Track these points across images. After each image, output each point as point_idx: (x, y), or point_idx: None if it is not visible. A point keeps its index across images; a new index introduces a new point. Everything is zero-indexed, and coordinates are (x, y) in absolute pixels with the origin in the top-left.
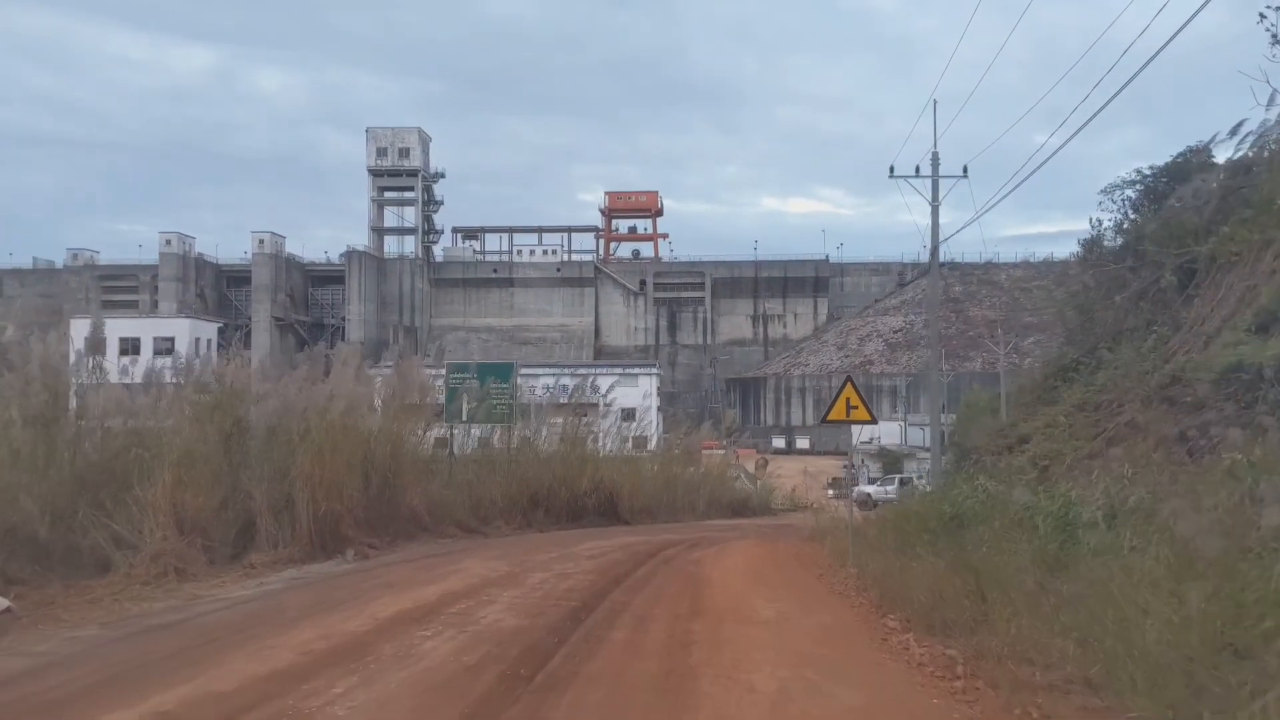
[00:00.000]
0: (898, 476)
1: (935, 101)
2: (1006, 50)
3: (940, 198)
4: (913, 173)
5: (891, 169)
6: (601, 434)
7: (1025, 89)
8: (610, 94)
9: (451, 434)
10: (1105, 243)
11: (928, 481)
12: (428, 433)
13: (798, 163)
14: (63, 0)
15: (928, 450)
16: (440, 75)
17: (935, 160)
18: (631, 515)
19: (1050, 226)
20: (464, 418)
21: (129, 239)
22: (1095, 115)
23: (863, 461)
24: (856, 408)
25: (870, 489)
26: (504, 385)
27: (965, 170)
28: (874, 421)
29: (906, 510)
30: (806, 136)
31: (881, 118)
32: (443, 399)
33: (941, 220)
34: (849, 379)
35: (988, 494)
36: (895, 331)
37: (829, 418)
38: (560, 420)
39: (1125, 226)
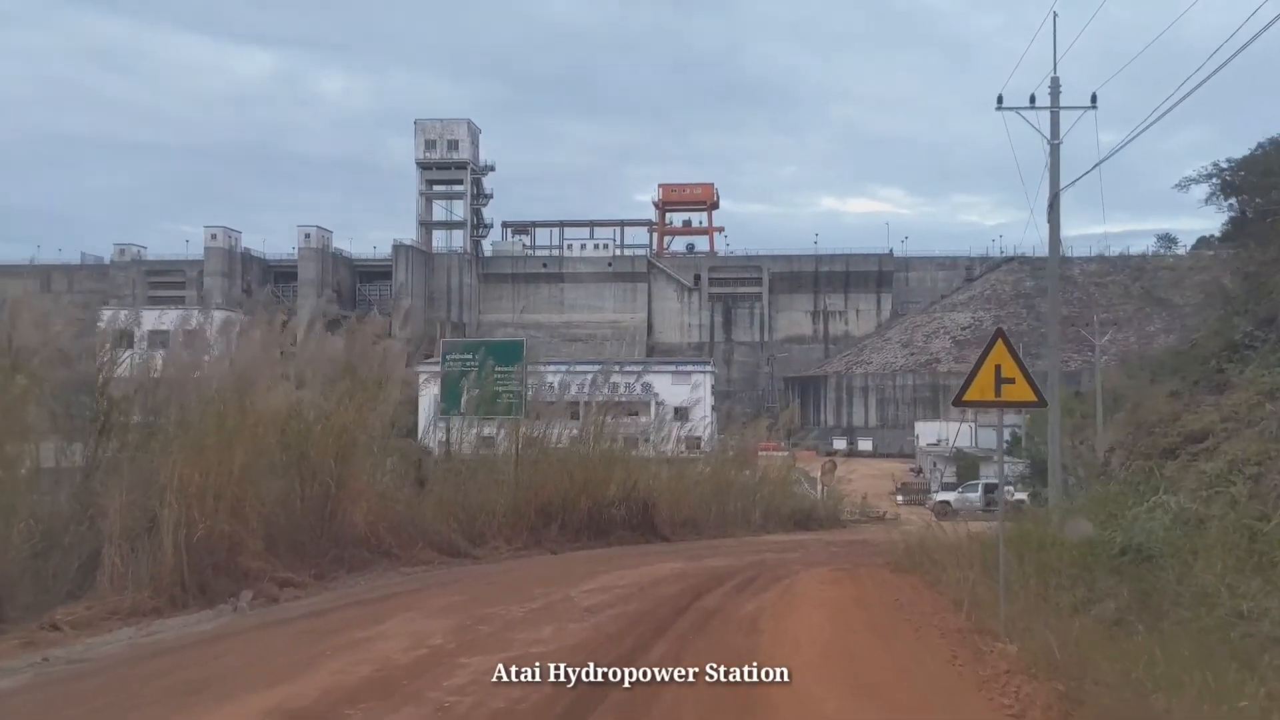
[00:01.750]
0: (980, 483)
1: (1055, 14)
2: (1066, 48)
3: (1061, 135)
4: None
5: (999, 99)
6: (651, 434)
7: (1087, 85)
8: (667, 96)
9: (448, 429)
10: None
11: (1018, 489)
12: (395, 422)
13: (856, 163)
14: (133, 8)
15: (1005, 454)
16: (499, 78)
17: (1055, 87)
18: (672, 530)
19: (1115, 226)
20: (463, 409)
21: (186, 238)
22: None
23: (935, 465)
24: (1013, 380)
25: (949, 496)
26: (509, 370)
27: (1094, 99)
28: (1041, 402)
29: (1040, 535)
30: (865, 136)
31: (942, 117)
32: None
33: (1001, 218)
34: (1001, 333)
35: (1175, 515)
36: (964, 328)
37: (965, 398)
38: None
39: None
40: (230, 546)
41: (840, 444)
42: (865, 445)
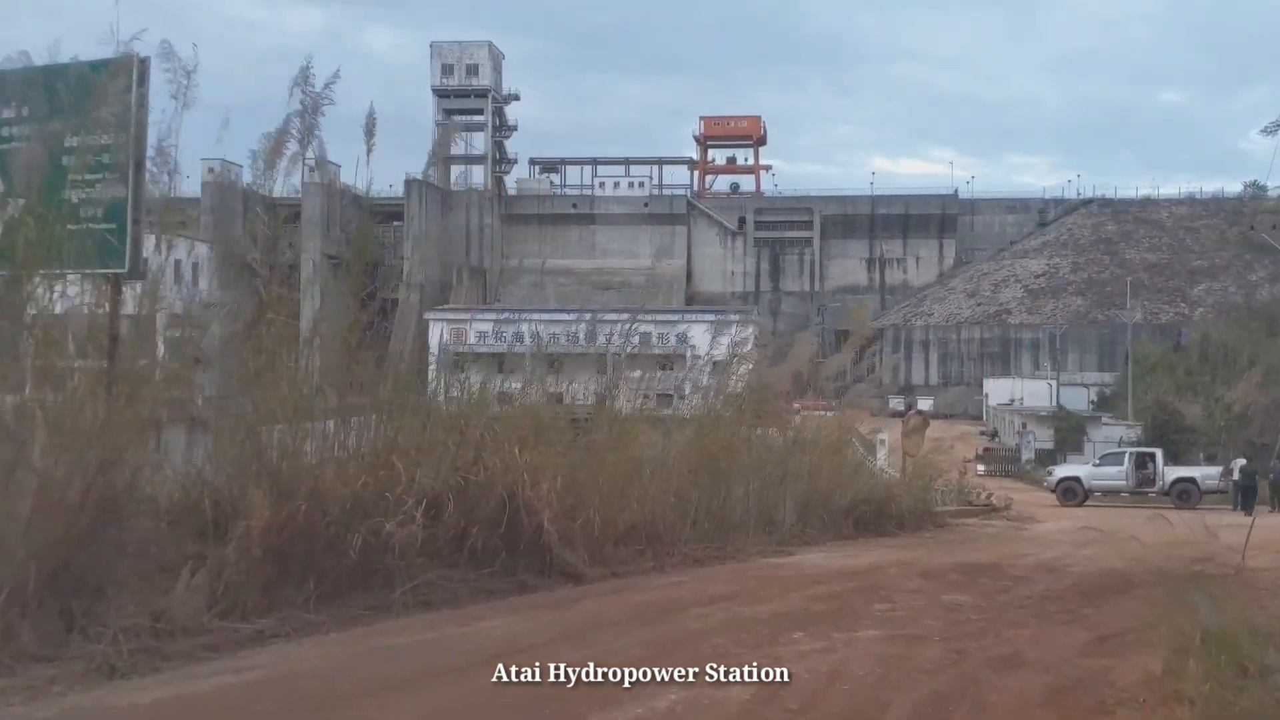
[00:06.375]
0: (1128, 451)
1: None
2: (1133, 7)
3: None
4: None
5: None
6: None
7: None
8: (722, 52)
9: None
10: None
11: (1233, 470)
12: None
13: (911, 122)
14: None
15: (1106, 416)
16: (549, 34)
17: None
18: (595, 553)
19: (1172, 187)
20: None
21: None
22: None
23: (1024, 428)
24: None
25: (1078, 471)
26: (103, 147)
27: None
28: None
29: None
30: (921, 96)
31: (1001, 77)
32: None
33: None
34: None
35: None
36: (1037, 276)
37: None
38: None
39: None
40: None
41: (897, 404)
42: (924, 405)
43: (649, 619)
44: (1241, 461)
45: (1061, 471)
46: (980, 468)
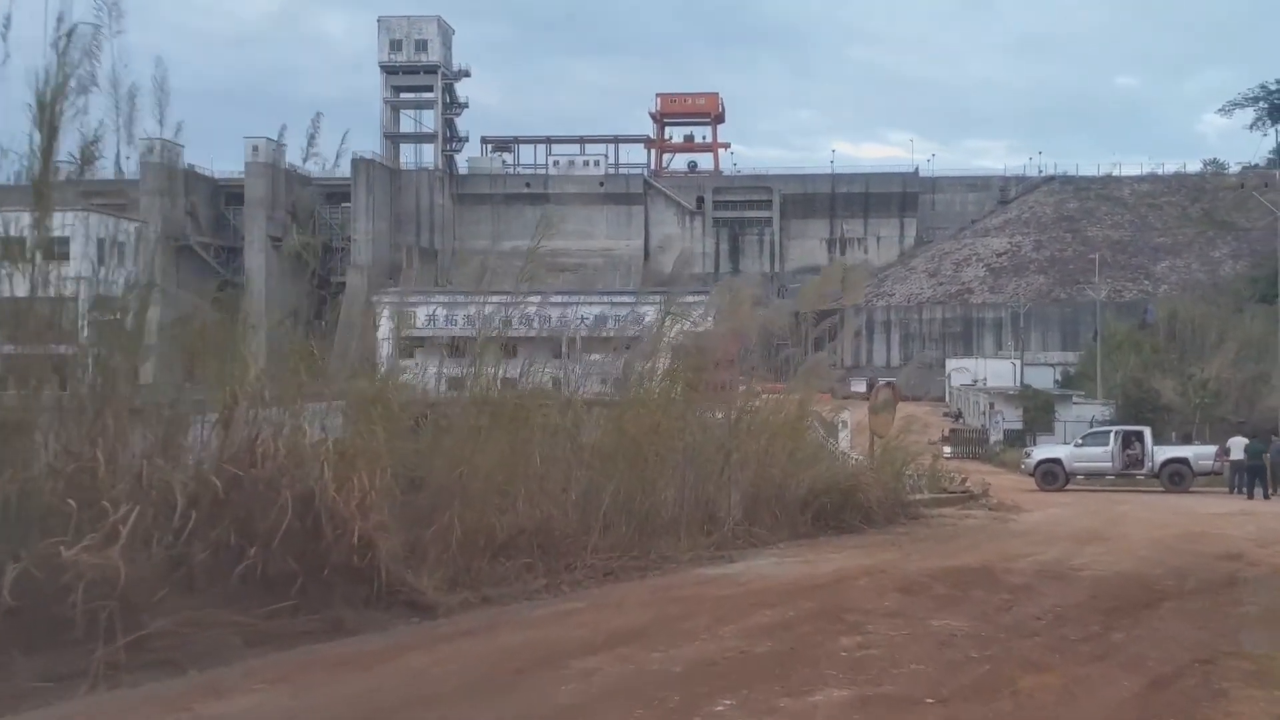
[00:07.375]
0: (1115, 430)
1: None
2: None
3: None
4: None
5: None
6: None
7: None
8: (680, 36)
9: None
10: None
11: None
12: None
13: (871, 106)
14: None
15: (1077, 394)
16: (506, 18)
17: None
18: (466, 574)
19: (1132, 169)
20: None
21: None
22: None
23: (991, 407)
24: None
25: (1060, 452)
26: None
27: None
28: None
29: None
30: (881, 80)
31: (959, 61)
32: None
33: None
34: None
35: None
36: (999, 255)
37: None
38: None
39: None
40: None
41: (859, 386)
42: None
43: (496, 685)
44: (1240, 440)
45: (1041, 453)
46: (947, 450)
